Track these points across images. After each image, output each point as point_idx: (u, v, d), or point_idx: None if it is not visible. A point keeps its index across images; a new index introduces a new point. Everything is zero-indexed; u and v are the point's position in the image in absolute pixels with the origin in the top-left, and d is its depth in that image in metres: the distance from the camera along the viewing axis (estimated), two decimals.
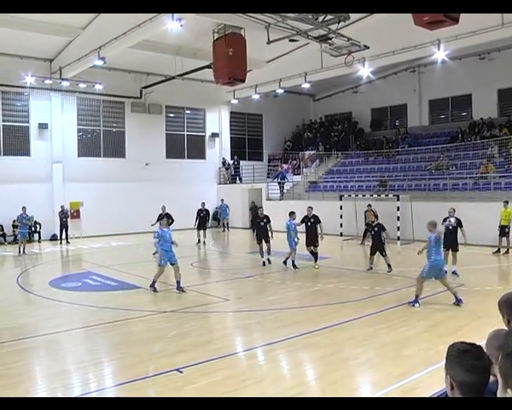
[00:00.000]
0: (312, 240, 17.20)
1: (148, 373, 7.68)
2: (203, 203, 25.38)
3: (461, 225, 15.64)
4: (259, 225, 18.78)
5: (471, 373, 2.71)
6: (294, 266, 17.20)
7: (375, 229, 16.30)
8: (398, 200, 23.29)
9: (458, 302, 11.50)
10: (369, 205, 23.36)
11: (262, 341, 9.39)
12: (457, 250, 15.59)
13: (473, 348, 2.79)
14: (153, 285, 13.87)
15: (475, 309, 11.25)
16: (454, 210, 15.82)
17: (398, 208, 22.99)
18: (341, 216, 25.17)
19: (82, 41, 23.80)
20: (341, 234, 24.92)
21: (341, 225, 25.39)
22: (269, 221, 18.62)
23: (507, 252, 19.90)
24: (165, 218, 17.75)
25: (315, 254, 17.34)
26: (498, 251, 20.01)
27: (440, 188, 25.44)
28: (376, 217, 22.99)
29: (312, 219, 17.33)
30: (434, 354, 7.92)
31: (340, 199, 25.51)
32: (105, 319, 11.00)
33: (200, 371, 7.72)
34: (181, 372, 7.66)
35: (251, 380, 7.39)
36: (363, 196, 25.92)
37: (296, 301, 12.58)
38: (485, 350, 3.09)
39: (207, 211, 25.11)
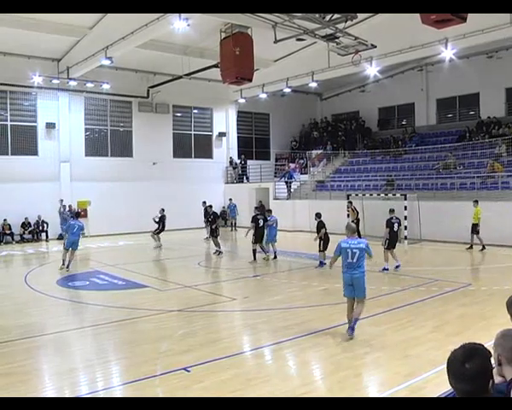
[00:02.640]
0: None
1: (155, 372, 7.70)
2: (204, 202, 25.42)
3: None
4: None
5: (457, 380, 2.68)
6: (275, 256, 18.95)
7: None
8: (405, 199, 23.21)
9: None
10: (350, 202, 23.59)
11: (269, 340, 9.39)
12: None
13: (461, 354, 2.75)
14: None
15: (483, 309, 11.21)
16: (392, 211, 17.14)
17: (406, 208, 22.90)
18: (348, 215, 25.11)
19: (89, 41, 23.87)
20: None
21: None
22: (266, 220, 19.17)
23: (483, 248, 20.28)
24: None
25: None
26: (471, 247, 20.61)
27: (448, 187, 25.35)
28: (357, 213, 23.38)
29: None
30: (442, 354, 7.87)
31: (348, 198, 25.43)
32: (112, 317, 11.03)
33: (207, 371, 7.73)
34: (188, 371, 7.67)
35: (258, 379, 7.40)
36: (371, 195, 25.86)
37: (303, 300, 12.56)
38: (492, 350, 3.09)
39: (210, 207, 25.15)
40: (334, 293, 13.20)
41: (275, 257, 19.07)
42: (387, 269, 16.04)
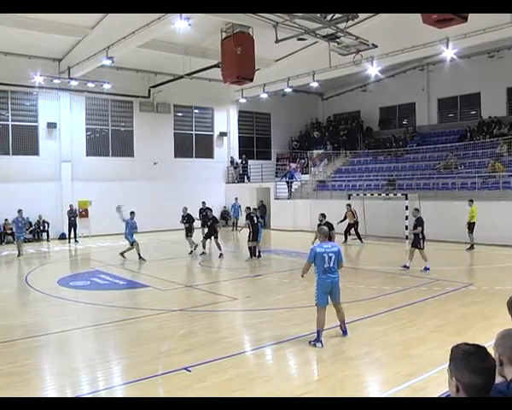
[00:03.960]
0: None
1: (156, 372, 7.70)
2: (204, 202, 25.34)
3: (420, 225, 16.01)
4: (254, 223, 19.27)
5: (478, 375, 2.70)
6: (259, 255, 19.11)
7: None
8: (406, 199, 23.23)
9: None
10: (349, 205, 23.63)
11: (270, 340, 9.39)
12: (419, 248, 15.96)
13: (478, 350, 2.78)
14: None
15: (484, 309, 11.21)
16: (417, 210, 16.60)
17: (407, 207, 22.90)
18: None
19: (90, 40, 23.89)
20: (350, 233, 24.85)
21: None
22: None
23: (471, 247, 20.49)
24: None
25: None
26: (472, 247, 20.65)
27: (449, 187, 25.34)
28: (355, 217, 23.40)
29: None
30: (443, 354, 7.82)
31: (349, 198, 25.43)
32: (113, 317, 11.04)
33: (208, 370, 7.74)
34: (189, 371, 7.68)
35: (259, 379, 7.41)
36: (372, 195, 25.86)
37: (304, 300, 12.53)
38: (493, 350, 3.09)
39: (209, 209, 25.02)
40: None
41: (259, 256, 19.26)
42: (428, 269, 15.75)
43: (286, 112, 37.17)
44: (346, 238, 23.70)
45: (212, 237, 20.23)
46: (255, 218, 19.09)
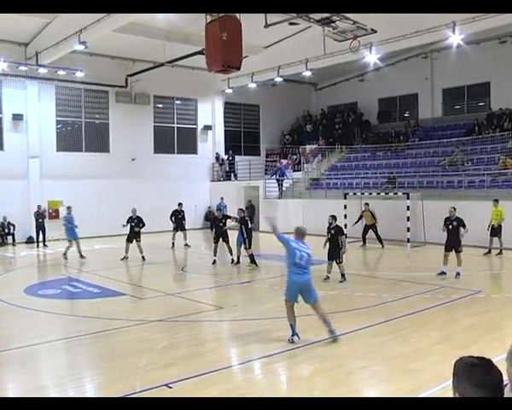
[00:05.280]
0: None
1: (134, 389, 7.66)
2: (180, 204, 25.33)
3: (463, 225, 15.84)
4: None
5: (483, 389, 2.69)
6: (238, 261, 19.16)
7: (332, 232, 15.86)
8: (408, 198, 23.30)
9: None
10: (367, 204, 23.54)
11: (260, 352, 9.38)
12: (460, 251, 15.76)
13: (482, 362, 2.77)
14: None
15: (494, 319, 11.27)
16: (455, 209, 16.29)
17: (408, 208, 22.99)
18: (346, 216, 25.08)
19: (61, 23, 23.70)
20: (346, 236, 24.88)
21: (346, 226, 25.28)
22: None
23: (500, 253, 20.39)
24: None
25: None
26: (489, 252, 20.57)
27: (455, 185, 25.45)
28: (375, 218, 23.27)
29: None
30: (448, 369, 7.80)
31: (345, 198, 25.49)
32: (86, 329, 10.96)
33: (191, 387, 7.71)
34: (170, 388, 7.64)
35: (247, 396, 7.38)
36: (370, 194, 25.92)
37: (296, 308, 12.54)
38: (506, 363, 3.07)
39: (183, 212, 25.03)
40: (331, 300, 13.24)
41: (237, 262, 19.28)
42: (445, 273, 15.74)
43: (276, 103, 37.17)
44: (364, 241, 23.72)
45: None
46: (249, 222, 19.09)
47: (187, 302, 13.66)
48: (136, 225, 21.00)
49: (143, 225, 21.24)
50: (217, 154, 35.24)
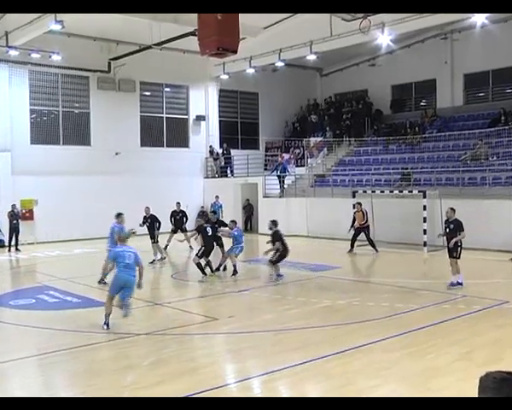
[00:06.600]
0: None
1: None
2: (178, 204, 25.22)
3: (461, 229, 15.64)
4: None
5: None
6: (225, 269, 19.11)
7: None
8: (424, 197, 23.28)
9: None
10: (359, 204, 23.52)
11: (258, 369, 9.39)
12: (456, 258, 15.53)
13: None
14: None
15: None
16: (452, 210, 16.07)
17: (425, 208, 22.97)
18: (354, 219, 25.15)
19: None
20: (356, 239, 24.88)
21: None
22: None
23: None
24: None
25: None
26: None
27: (477, 183, 25.44)
28: (366, 218, 23.30)
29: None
30: (471, 389, 7.80)
31: (354, 196, 25.45)
32: (64, 343, 10.93)
33: None
34: None
35: None
36: (382, 192, 25.88)
37: (300, 320, 12.54)
38: None
39: (184, 212, 24.93)
40: (340, 311, 13.24)
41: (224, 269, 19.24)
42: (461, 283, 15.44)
43: (277, 91, 37.20)
44: (352, 246, 23.56)
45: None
46: (209, 229, 18.74)
47: (177, 313, 13.64)
48: (150, 226, 21.44)
49: (159, 224, 21.76)
50: (211, 147, 35.22)
